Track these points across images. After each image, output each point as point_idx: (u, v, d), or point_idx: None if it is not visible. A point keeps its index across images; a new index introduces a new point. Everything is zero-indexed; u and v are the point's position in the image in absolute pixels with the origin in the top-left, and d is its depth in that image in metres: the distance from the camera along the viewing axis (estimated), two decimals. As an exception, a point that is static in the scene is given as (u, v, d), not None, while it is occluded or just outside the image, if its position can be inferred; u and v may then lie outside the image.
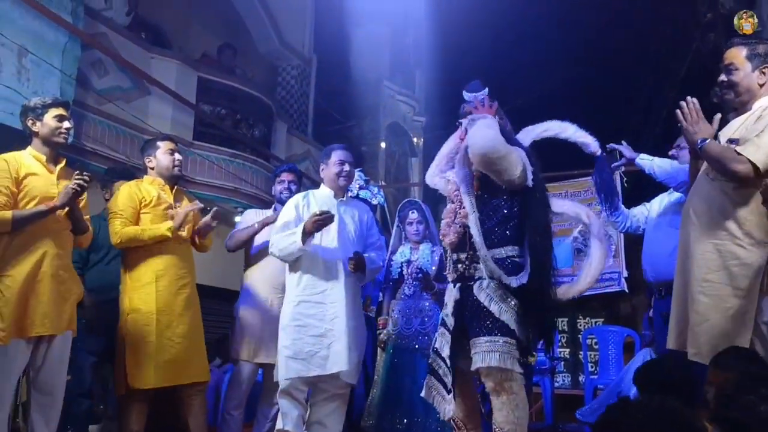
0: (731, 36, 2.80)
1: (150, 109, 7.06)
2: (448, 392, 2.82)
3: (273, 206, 4.19)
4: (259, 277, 3.97)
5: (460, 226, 2.86)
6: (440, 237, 3.08)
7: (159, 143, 3.58)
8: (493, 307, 2.72)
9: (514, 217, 2.82)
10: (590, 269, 2.97)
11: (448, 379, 2.82)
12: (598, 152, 3.14)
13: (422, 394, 2.93)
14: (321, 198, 3.52)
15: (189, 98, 7.31)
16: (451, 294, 2.92)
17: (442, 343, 2.88)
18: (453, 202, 2.98)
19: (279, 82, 10.49)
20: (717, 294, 2.51)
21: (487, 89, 3.05)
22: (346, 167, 3.53)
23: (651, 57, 10.70)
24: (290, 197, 3.98)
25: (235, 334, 3.93)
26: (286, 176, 4.17)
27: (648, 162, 3.49)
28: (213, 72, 8.03)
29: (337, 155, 3.54)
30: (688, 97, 2.64)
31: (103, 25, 6.45)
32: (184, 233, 3.47)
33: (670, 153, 3.80)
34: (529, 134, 3.15)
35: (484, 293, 2.75)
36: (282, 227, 3.39)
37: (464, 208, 2.86)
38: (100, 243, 3.53)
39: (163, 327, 3.30)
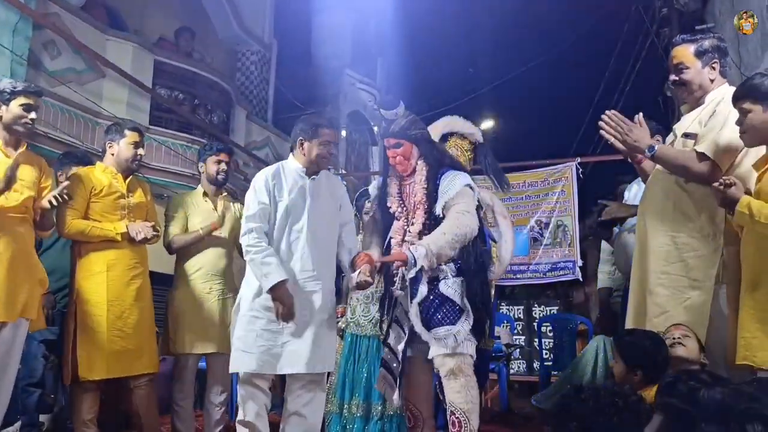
0: (685, 30, 2.82)
1: (104, 92, 6.90)
2: (396, 382, 2.97)
3: (201, 189, 3.94)
4: (196, 262, 3.77)
5: (411, 244, 2.95)
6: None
7: (126, 131, 3.46)
8: (458, 300, 2.92)
9: None
10: (507, 245, 3.52)
11: (397, 371, 2.96)
12: (481, 140, 3.44)
13: (375, 385, 3.07)
14: (291, 176, 3.13)
15: (145, 82, 7.16)
16: (414, 295, 2.98)
17: (394, 338, 3.00)
18: (398, 219, 3.08)
19: (238, 67, 10.34)
20: (675, 286, 2.57)
21: (402, 104, 3.03)
22: (332, 150, 3.17)
23: (605, 52, 10.88)
24: (226, 180, 3.92)
25: (171, 325, 3.71)
26: (224, 156, 3.93)
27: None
28: (170, 55, 7.87)
29: (326, 135, 3.11)
30: (607, 111, 2.66)
31: (56, 4, 6.27)
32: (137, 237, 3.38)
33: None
34: (435, 131, 3.34)
35: (451, 289, 2.93)
36: (259, 213, 3.02)
37: (413, 225, 3.00)
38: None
39: (114, 317, 3.24)
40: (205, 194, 3.90)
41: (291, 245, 3.08)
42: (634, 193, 3.89)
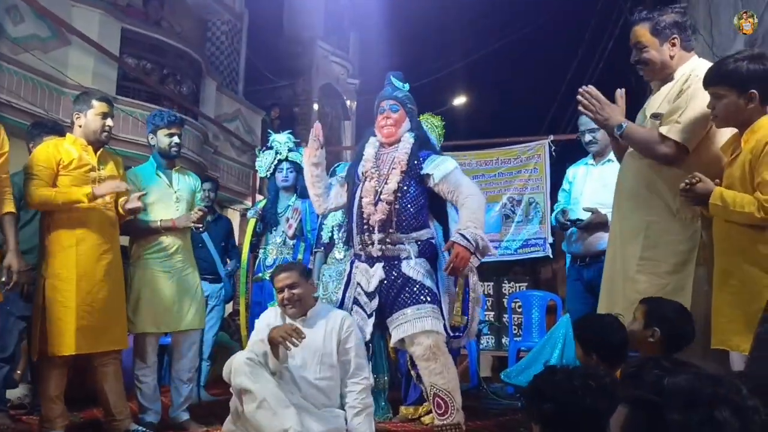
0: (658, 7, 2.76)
1: (70, 60, 6.71)
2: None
3: (153, 164, 3.70)
4: (153, 240, 3.60)
5: (386, 204, 3.01)
6: (365, 215, 3.06)
7: (94, 102, 3.32)
8: (425, 281, 2.98)
9: (425, 204, 3.11)
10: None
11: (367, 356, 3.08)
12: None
13: None
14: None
15: (112, 50, 6.96)
16: (372, 273, 3.04)
17: (358, 321, 3.05)
18: (370, 180, 3.09)
19: (209, 37, 10.14)
20: (654, 272, 2.53)
21: (408, 86, 3.28)
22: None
23: (579, 29, 10.91)
24: (179, 153, 3.75)
25: (130, 304, 3.52)
26: (176, 129, 3.70)
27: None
28: (138, 23, 7.68)
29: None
30: (583, 87, 2.62)
31: (18, -32, 6.05)
32: (107, 199, 3.31)
33: (586, 140, 3.81)
34: None
35: (413, 270, 3.00)
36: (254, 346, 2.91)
37: (387, 184, 3.04)
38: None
39: (83, 293, 3.17)
40: (158, 168, 3.72)
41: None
42: (580, 181, 3.84)
